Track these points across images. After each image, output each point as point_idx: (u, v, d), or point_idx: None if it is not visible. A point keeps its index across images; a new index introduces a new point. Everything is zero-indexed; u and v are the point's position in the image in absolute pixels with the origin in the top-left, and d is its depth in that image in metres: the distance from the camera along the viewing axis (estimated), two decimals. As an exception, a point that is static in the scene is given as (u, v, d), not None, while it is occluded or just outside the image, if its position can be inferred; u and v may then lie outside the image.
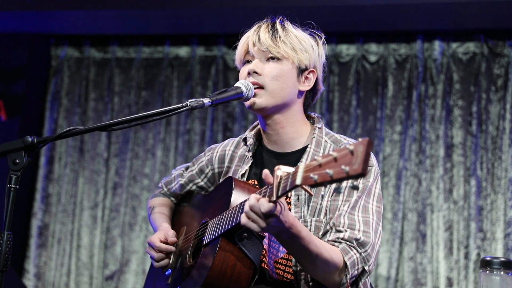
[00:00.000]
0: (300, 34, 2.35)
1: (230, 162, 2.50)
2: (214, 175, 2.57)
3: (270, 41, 2.29)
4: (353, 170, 1.62)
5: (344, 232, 2.15)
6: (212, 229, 2.22)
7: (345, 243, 2.15)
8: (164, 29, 5.92)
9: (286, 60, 2.30)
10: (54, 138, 2.14)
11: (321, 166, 1.71)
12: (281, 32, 2.31)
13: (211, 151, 2.60)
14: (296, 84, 2.32)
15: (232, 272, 2.11)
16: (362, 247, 2.15)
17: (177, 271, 2.41)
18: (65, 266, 5.90)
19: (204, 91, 5.90)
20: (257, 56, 2.32)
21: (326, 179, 1.68)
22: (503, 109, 5.30)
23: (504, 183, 5.19)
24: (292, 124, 2.34)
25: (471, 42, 5.47)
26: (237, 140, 2.56)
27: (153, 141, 5.95)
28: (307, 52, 2.32)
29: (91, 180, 6.01)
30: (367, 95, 5.63)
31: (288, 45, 2.29)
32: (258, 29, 2.34)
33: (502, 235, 5.13)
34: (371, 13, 5.23)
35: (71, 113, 6.15)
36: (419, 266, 5.24)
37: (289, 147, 2.36)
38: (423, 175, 5.35)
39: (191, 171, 2.64)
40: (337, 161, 1.67)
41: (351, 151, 1.64)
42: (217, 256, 2.10)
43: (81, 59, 6.22)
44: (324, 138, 2.34)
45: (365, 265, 2.16)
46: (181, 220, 2.62)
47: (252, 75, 2.30)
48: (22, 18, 5.76)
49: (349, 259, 2.13)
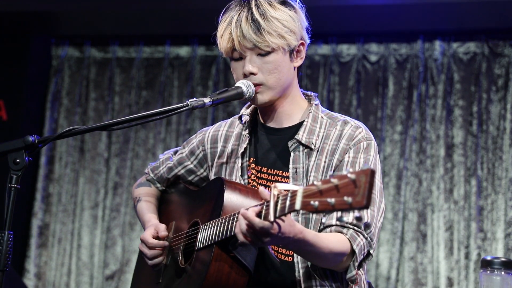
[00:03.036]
0: (279, 14, 2.23)
1: (225, 142, 2.45)
2: (206, 156, 2.49)
3: (255, 36, 2.20)
4: (356, 202, 1.60)
5: (352, 214, 2.10)
6: (204, 234, 2.18)
7: (353, 228, 2.13)
8: (165, 29, 5.92)
9: (276, 50, 2.23)
10: (55, 137, 2.13)
11: (321, 193, 1.68)
12: (263, 22, 2.20)
13: (203, 133, 2.54)
14: (291, 65, 2.29)
15: (227, 280, 2.08)
16: (368, 228, 2.14)
17: (168, 271, 2.37)
18: (65, 266, 5.91)
19: (204, 91, 5.90)
20: (246, 53, 2.25)
21: (327, 207, 1.66)
22: (503, 109, 5.30)
23: (505, 183, 5.19)
24: (290, 101, 2.33)
25: (472, 42, 5.47)
26: (230, 120, 2.53)
27: (154, 140, 5.95)
28: (292, 31, 2.24)
29: (91, 180, 6.01)
30: (368, 95, 5.62)
31: (274, 34, 2.21)
32: (238, 23, 2.23)
33: (503, 235, 5.13)
34: (371, 13, 5.23)
35: (71, 112, 6.15)
36: (420, 266, 5.24)
37: (286, 122, 2.33)
38: (423, 175, 5.34)
39: (180, 154, 2.57)
40: (339, 190, 1.64)
41: (353, 181, 1.61)
42: (211, 265, 2.07)
43: (81, 59, 6.22)
44: (321, 115, 2.32)
45: (370, 248, 2.16)
46: (168, 212, 2.56)
47: (248, 76, 2.27)
48: (22, 18, 5.76)
49: (357, 246, 2.11)
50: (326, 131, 2.28)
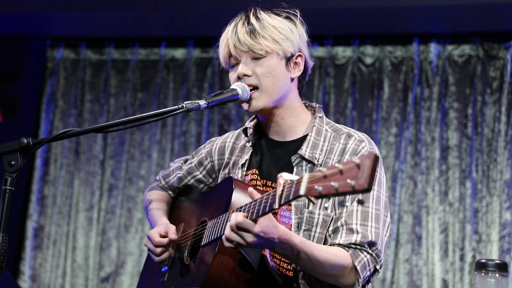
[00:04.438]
0: (276, 22, 2.29)
1: (231, 153, 2.48)
2: (213, 167, 2.54)
3: (250, 39, 2.26)
4: (359, 184, 1.62)
5: (356, 235, 2.14)
6: (211, 230, 2.21)
7: (355, 247, 2.14)
8: (160, 31, 5.92)
9: (270, 55, 2.27)
10: (50, 139, 2.13)
11: (326, 177, 1.70)
12: (258, 27, 2.27)
13: (211, 143, 2.57)
14: (287, 73, 2.30)
15: (230, 275, 2.10)
16: (373, 246, 2.15)
17: (173, 269, 2.39)
18: (60, 268, 5.89)
19: (200, 93, 5.90)
20: (242, 57, 2.29)
21: (330, 191, 1.67)
22: (498, 112, 5.31)
23: (500, 185, 5.20)
24: (291, 113, 2.34)
25: (467, 45, 5.49)
26: (237, 132, 2.54)
27: (149, 143, 5.94)
28: (288, 39, 2.28)
29: (86, 182, 6.00)
30: (363, 97, 5.63)
31: (268, 39, 2.26)
32: (235, 28, 2.31)
33: (497, 237, 5.14)
34: (367, 16, 5.24)
35: (67, 114, 6.14)
36: (415, 268, 5.25)
37: (289, 136, 2.35)
38: (418, 177, 5.35)
39: (190, 164, 2.61)
40: (343, 174, 1.66)
41: (357, 165, 1.63)
42: (215, 258, 2.09)
43: (77, 61, 6.21)
44: (325, 127, 2.33)
45: (377, 264, 2.17)
46: (178, 216, 2.60)
47: (242, 78, 2.29)
48: (18, 20, 5.76)
49: (359, 262, 2.13)
50: (330, 145, 2.30)
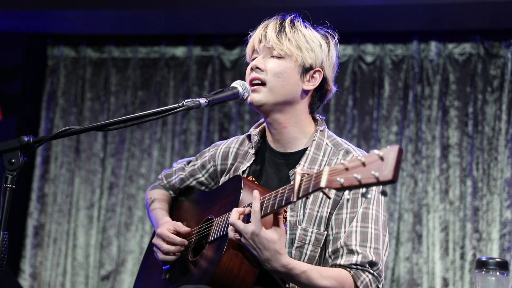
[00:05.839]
0: (309, 33, 2.31)
1: (234, 159, 2.48)
2: (216, 171, 2.54)
3: (275, 38, 2.28)
4: (383, 176, 1.60)
5: (357, 256, 2.14)
6: (219, 226, 2.21)
7: (356, 268, 2.14)
8: (161, 29, 5.91)
9: (289, 58, 2.27)
10: (50, 138, 2.14)
11: (348, 170, 1.69)
12: (288, 30, 2.29)
13: (215, 147, 2.58)
14: (299, 82, 2.29)
15: (238, 271, 2.09)
16: (375, 266, 2.15)
17: (176, 266, 2.38)
18: (61, 266, 5.90)
19: (200, 91, 5.90)
20: (262, 52, 2.31)
21: (353, 183, 1.66)
22: (499, 110, 5.31)
23: (500, 184, 5.20)
24: (294, 124, 2.32)
25: (467, 43, 5.48)
26: (242, 137, 2.54)
27: (149, 141, 5.94)
28: (313, 51, 2.29)
29: (87, 180, 6.00)
30: (364, 96, 5.63)
31: (293, 42, 2.27)
32: (267, 25, 2.33)
33: (498, 236, 5.14)
34: (367, 14, 5.23)
35: (67, 112, 6.14)
36: (415, 267, 5.25)
37: (291, 147, 2.35)
38: (419, 175, 5.35)
39: (192, 166, 2.61)
40: (366, 166, 1.65)
41: (381, 157, 1.62)
42: (225, 253, 2.08)
43: (77, 59, 6.21)
44: (325, 141, 2.33)
45: (379, 283, 2.16)
46: (179, 215, 2.60)
47: (254, 70, 2.29)
48: (18, 18, 5.75)
49: (361, 283, 2.13)
50: (328, 160, 2.29)
